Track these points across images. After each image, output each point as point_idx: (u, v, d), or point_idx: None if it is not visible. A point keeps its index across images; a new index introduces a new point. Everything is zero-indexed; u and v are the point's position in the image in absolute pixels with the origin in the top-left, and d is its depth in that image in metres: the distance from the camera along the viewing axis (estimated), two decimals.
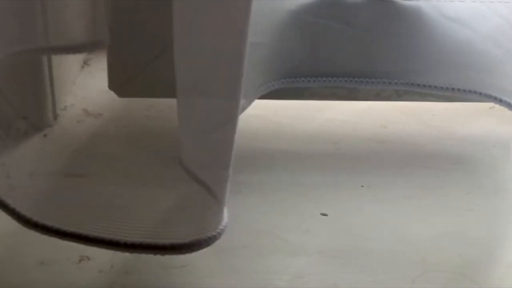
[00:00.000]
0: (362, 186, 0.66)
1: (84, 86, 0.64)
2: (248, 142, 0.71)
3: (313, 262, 0.58)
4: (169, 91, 0.53)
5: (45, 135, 0.68)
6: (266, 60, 0.66)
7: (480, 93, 0.66)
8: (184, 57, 0.51)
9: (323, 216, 0.62)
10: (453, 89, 0.66)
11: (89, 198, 0.59)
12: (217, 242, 0.59)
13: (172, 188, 0.56)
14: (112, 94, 0.67)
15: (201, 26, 0.49)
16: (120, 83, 0.65)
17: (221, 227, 0.54)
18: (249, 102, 0.66)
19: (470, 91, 0.66)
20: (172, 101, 0.52)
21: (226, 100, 0.50)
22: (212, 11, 0.48)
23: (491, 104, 0.69)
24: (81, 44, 0.59)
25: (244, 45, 0.49)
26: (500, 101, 0.66)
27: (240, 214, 0.62)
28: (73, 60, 0.73)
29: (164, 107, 0.72)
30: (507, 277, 0.57)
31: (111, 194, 0.59)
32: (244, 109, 0.66)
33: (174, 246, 0.52)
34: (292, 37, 0.66)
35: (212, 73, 0.50)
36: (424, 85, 0.66)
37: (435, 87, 0.66)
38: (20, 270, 0.56)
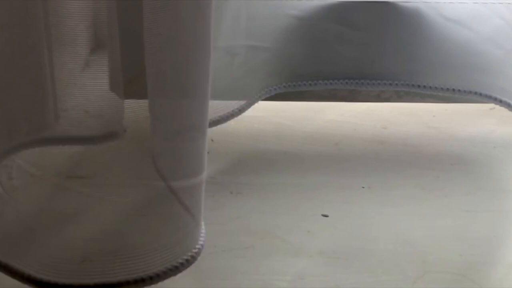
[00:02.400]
0: (363, 187, 0.66)
1: (86, 87, 0.63)
2: (248, 143, 0.71)
3: (314, 263, 0.58)
4: None
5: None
6: (267, 64, 0.66)
7: (481, 94, 0.66)
8: (152, 57, 0.51)
9: (324, 217, 0.62)
10: (453, 90, 0.66)
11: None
12: (218, 243, 0.59)
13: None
14: (113, 95, 0.67)
15: (168, 25, 0.49)
16: (121, 85, 0.65)
17: (198, 246, 0.53)
18: (249, 105, 0.66)
19: (470, 92, 0.66)
20: None
21: (195, 101, 0.50)
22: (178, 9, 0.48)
23: (492, 105, 0.69)
24: (93, 136, 0.59)
25: (209, 44, 0.48)
26: (500, 102, 0.66)
27: (241, 215, 0.62)
28: (75, 62, 0.73)
29: None
30: (508, 278, 0.57)
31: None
32: (241, 111, 0.66)
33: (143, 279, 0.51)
34: (292, 41, 0.66)
35: (179, 74, 0.50)
36: (424, 86, 0.66)
37: (435, 88, 0.66)
38: None
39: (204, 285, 0.56)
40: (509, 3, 0.65)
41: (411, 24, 0.66)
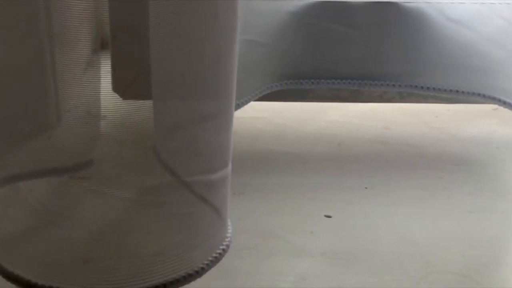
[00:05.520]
0: (366, 187, 0.66)
1: (88, 88, 0.63)
2: (250, 144, 0.71)
3: (317, 263, 0.58)
4: None
5: (49, 137, 0.68)
6: (268, 61, 0.66)
7: (483, 95, 0.66)
8: (162, 58, 0.50)
9: (327, 218, 0.62)
10: (456, 91, 0.66)
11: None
12: None
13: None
14: (116, 96, 0.67)
15: (180, 25, 0.48)
16: (124, 85, 0.65)
17: (225, 243, 0.53)
18: (247, 101, 0.66)
19: (473, 93, 0.66)
20: None
21: (216, 102, 0.50)
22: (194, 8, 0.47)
23: (494, 105, 0.69)
24: (69, 166, 0.59)
25: (234, 44, 0.48)
26: (503, 103, 0.66)
27: (243, 216, 0.62)
28: (77, 62, 0.73)
29: None
30: (511, 279, 0.57)
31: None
32: (240, 106, 0.66)
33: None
34: (294, 39, 0.66)
35: (198, 75, 0.50)
36: (427, 88, 0.66)
37: (438, 89, 0.66)
38: None
39: (206, 285, 0.56)
40: (510, 4, 0.65)
41: (413, 25, 0.65)
